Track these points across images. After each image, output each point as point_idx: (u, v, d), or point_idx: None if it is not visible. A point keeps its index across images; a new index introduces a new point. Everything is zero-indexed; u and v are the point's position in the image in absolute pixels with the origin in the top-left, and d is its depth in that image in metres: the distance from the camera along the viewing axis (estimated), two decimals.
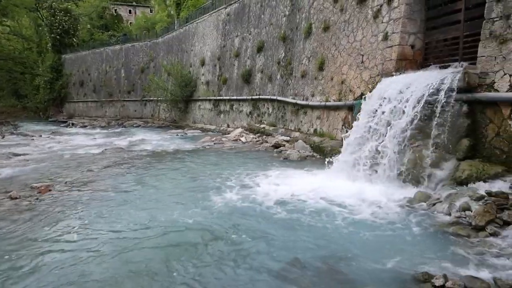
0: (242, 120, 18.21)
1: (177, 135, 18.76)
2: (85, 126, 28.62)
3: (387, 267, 3.58)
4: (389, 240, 4.25)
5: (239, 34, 18.78)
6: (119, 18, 51.18)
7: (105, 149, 12.65)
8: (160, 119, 29.07)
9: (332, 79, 10.88)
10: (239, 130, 15.99)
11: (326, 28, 11.27)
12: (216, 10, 21.41)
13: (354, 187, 6.27)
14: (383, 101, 6.96)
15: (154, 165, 9.39)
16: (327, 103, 10.92)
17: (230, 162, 9.53)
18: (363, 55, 9.48)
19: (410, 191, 5.79)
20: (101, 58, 35.88)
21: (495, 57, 5.91)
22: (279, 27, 14.82)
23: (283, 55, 14.44)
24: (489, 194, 4.85)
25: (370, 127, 6.94)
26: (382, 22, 8.77)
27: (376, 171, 6.51)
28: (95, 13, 46.93)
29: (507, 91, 5.68)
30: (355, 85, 9.75)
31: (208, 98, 22.03)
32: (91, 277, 3.51)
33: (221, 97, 20.44)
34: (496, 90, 5.85)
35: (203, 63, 22.80)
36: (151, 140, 16.17)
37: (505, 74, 5.75)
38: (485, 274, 3.31)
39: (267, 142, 12.83)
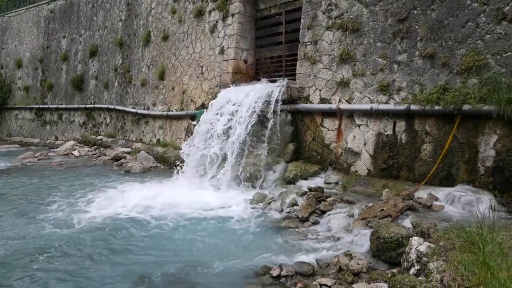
0: (75, 132, 16.21)
1: None
2: None
3: (233, 267, 3.78)
4: (232, 241, 4.50)
5: (67, 35, 16.70)
6: None
7: None
8: None
9: (173, 88, 10.88)
10: (71, 142, 14.14)
11: (165, 38, 11.22)
12: (36, 4, 18.47)
13: (198, 195, 6.39)
14: (222, 110, 7.39)
15: None
16: (170, 113, 10.85)
17: (58, 180, 8.27)
18: (202, 67, 9.85)
19: (250, 194, 6.31)
20: None
21: (309, 75, 7.10)
22: (115, 32, 13.92)
23: (120, 61, 13.60)
24: (310, 189, 5.76)
25: (211, 135, 7.25)
26: (218, 37, 9.33)
27: (218, 178, 6.83)
28: None
29: (318, 103, 6.90)
30: (196, 95, 10.03)
31: (28, 106, 18.69)
32: None
33: (46, 106, 17.68)
34: (311, 102, 7.02)
35: (19, 65, 19.25)
36: None
37: (316, 89, 6.97)
38: (310, 258, 3.88)
39: (105, 155, 11.77)
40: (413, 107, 5.47)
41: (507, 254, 2.60)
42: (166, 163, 9.74)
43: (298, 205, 5.39)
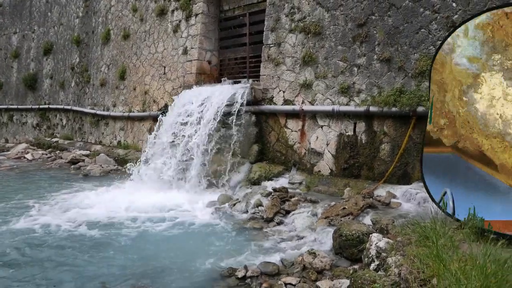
0: (27, 134, 15.27)
1: None
2: None
3: (198, 270, 3.72)
4: (197, 244, 4.44)
5: (18, 30, 15.72)
6: None
7: None
8: None
9: (135, 89, 10.57)
10: (23, 145, 13.30)
11: (126, 36, 10.88)
12: None
13: (161, 197, 6.24)
14: (186, 112, 7.28)
15: None
16: (131, 114, 10.53)
17: (8, 185, 7.75)
18: (165, 67, 9.65)
19: (215, 195, 6.26)
20: None
21: (273, 76, 7.17)
22: (72, 29, 13.29)
23: (77, 60, 13.01)
24: (275, 190, 5.80)
25: (174, 137, 7.12)
26: (181, 37, 9.19)
27: (183, 179, 6.72)
28: None
29: (282, 104, 6.99)
30: (158, 96, 9.80)
31: None
32: None
33: None
34: (275, 103, 7.10)
35: None
36: None
37: (280, 90, 7.06)
38: (275, 258, 3.92)
39: (61, 158, 11.18)
40: (372, 108, 5.69)
41: (457, 246, 2.76)
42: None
43: (263, 206, 5.42)
